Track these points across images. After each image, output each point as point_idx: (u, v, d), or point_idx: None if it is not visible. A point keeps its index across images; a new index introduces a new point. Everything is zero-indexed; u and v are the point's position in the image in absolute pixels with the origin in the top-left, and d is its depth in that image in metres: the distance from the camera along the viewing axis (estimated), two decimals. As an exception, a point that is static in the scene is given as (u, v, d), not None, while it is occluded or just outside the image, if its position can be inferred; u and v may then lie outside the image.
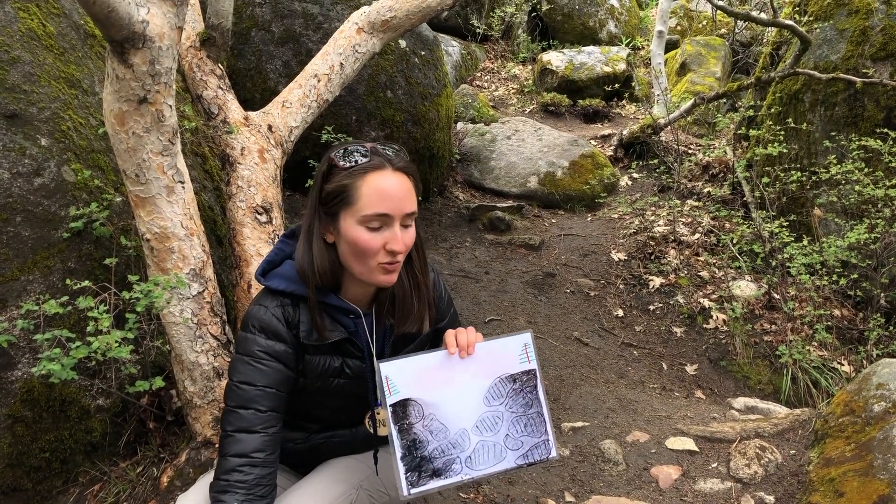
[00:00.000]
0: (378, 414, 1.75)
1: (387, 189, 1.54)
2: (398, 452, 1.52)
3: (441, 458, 1.56)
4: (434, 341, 1.81)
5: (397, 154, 1.60)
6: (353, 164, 1.55)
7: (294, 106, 3.25)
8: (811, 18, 5.25)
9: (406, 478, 1.52)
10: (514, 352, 1.64)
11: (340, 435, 1.81)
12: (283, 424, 1.74)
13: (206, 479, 1.73)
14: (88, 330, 1.99)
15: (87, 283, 2.18)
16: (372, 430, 1.77)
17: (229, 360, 2.34)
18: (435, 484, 1.55)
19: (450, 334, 1.61)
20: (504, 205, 6.04)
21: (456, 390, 1.59)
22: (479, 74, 9.48)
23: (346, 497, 1.69)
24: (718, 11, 8.57)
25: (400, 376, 1.54)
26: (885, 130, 4.43)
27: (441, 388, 1.57)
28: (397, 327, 1.73)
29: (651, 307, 4.62)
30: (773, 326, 4.24)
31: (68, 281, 2.23)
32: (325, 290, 1.64)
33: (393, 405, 1.53)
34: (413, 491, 1.53)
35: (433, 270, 1.86)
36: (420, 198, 1.67)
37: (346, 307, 1.67)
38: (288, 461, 1.88)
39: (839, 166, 4.37)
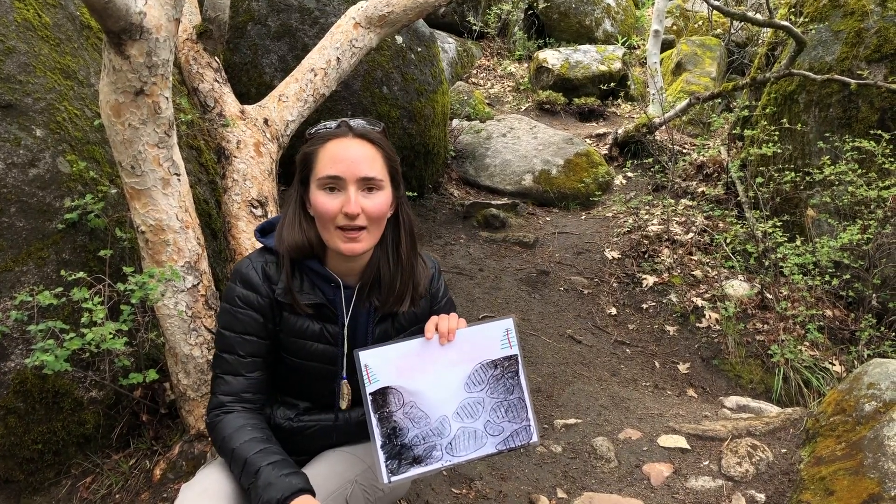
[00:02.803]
0: (342, 388, 1.78)
1: (339, 153, 1.61)
2: (378, 441, 1.54)
3: (421, 445, 1.57)
4: None
5: (365, 124, 1.66)
6: (317, 132, 1.65)
7: (290, 100, 3.24)
8: (806, 19, 5.27)
9: (386, 465, 1.54)
10: (496, 337, 1.64)
11: (328, 419, 1.83)
12: (274, 402, 1.80)
13: (208, 470, 1.74)
14: (83, 321, 1.99)
15: (81, 274, 2.17)
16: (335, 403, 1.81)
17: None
18: (415, 471, 1.57)
19: (431, 321, 1.63)
20: (499, 202, 6.05)
21: (436, 377, 1.59)
22: (474, 72, 9.48)
23: (341, 492, 1.70)
24: (714, 11, 8.59)
25: (379, 364, 1.55)
26: (879, 132, 4.45)
27: (421, 376, 1.58)
28: (381, 306, 1.76)
29: (644, 306, 4.63)
30: (765, 326, 4.26)
31: (63, 272, 2.22)
32: (311, 258, 1.71)
33: (372, 393, 1.54)
34: (393, 478, 1.54)
35: (434, 267, 1.89)
36: (399, 180, 1.72)
37: (327, 275, 1.72)
38: (283, 448, 1.88)
39: (833, 167, 4.39)
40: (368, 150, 1.64)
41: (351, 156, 1.61)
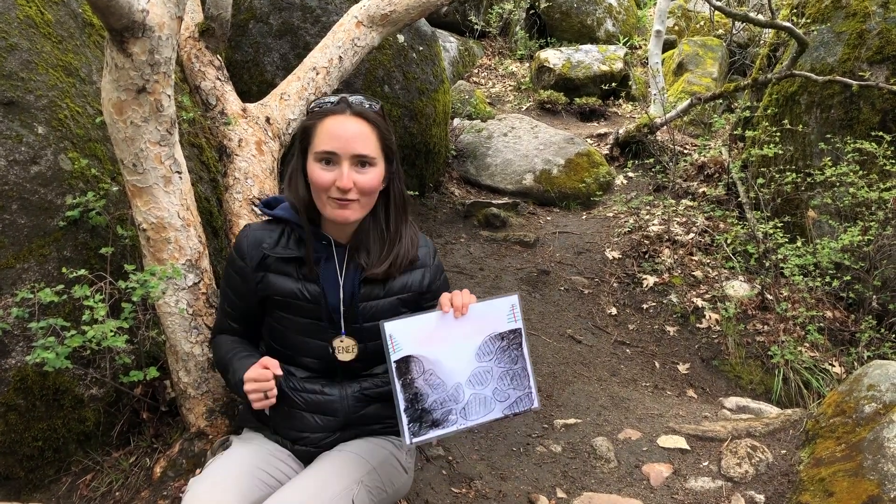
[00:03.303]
0: (342, 341, 1.87)
1: (336, 129, 1.72)
2: (401, 405, 1.67)
3: (439, 409, 1.71)
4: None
5: (363, 100, 1.76)
6: (318, 107, 1.76)
7: (292, 98, 3.24)
8: (808, 20, 5.27)
9: (409, 428, 1.67)
10: (503, 312, 1.80)
11: (327, 393, 1.89)
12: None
13: (218, 464, 1.77)
14: (84, 319, 1.99)
15: (83, 271, 2.17)
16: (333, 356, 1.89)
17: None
18: (434, 433, 1.71)
19: (445, 296, 1.75)
20: (499, 202, 6.05)
21: (451, 347, 1.73)
22: (476, 71, 9.47)
23: (347, 492, 1.71)
24: (716, 12, 8.59)
25: (402, 334, 1.68)
26: (880, 133, 4.45)
27: (438, 346, 1.72)
28: (366, 269, 1.86)
29: (644, 306, 4.63)
30: (765, 327, 4.26)
31: (64, 269, 2.22)
32: (308, 218, 1.84)
33: (396, 361, 1.67)
34: (415, 440, 1.68)
35: (428, 245, 2.01)
36: (393, 156, 1.83)
37: (318, 231, 1.85)
38: (287, 428, 1.90)
39: (834, 168, 4.39)
40: (364, 128, 1.74)
41: (346, 133, 1.71)
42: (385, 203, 1.88)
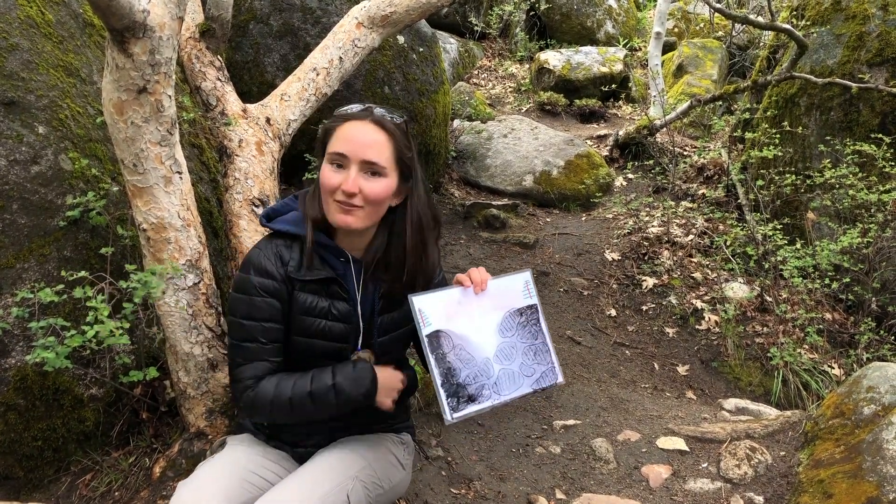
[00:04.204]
0: (364, 353, 1.87)
1: (350, 133, 1.72)
2: (438, 380, 1.68)
3: (473, 384, 1.73)
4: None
5: (385, 113, 1.76)
6: (341, 112, 1.78)
7: (292, 99, 3.24)
8: (808, 23, 5.27)
9: (448, 403, 1.68)
10: (518, 288, 1.84)
11: None
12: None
13: (206, 467, 1.76)
14: (88, 319, 1.99)
15: (83, 273, 2.17)
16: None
17: (224, 351, 2.34)
18: (472, 408, 1.72)
19: (460, 275, 1.78)
20: (499, 203, 6.05)
21: (475, 323, 1.76)
22: (476, 72, 9.48)
23: (342, 487, 1.71)
24: (716, 14, 8.60)
25: (430, 309, 1.70)
26: (880, 136, 4.45)
27: (463, 321, 1.74)
28: (387, 286, 1.85)
29: (644, 307, 4.63)
30: (764, 328, 4.26)
31: (64, 272, 2.22)
32: (322, 231, 1.80)
33: (428, 336, 1.68)
34: (455, 415, 1.68)
35: (441, 270, 1.97)
36: (410, 173, 1.81)
37: (336, 248, 1.81)
38: (286, 434, 1.90)
39: (833, 170, 4.39)
40: (380, 136, 1.73)
41: (360, 138, 1.71)
42: (400, 222, 1.83)
